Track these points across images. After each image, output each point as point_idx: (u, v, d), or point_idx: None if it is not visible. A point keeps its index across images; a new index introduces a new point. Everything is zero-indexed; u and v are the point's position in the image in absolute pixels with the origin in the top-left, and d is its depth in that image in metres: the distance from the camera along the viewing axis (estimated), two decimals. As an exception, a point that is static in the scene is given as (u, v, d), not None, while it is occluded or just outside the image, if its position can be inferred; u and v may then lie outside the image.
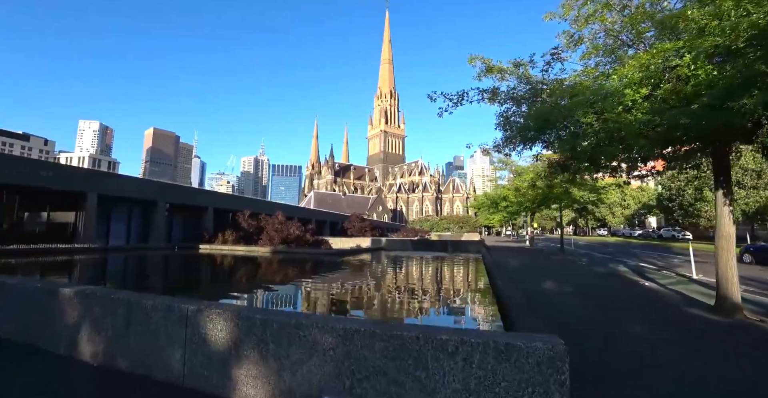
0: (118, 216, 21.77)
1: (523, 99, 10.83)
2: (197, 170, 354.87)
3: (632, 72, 6.50)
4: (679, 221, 30.98)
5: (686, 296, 7.18)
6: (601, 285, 8.32)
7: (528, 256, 17.92)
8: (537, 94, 10.58)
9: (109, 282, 9.90)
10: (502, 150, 12.72)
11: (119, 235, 21.68)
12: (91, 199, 18.13)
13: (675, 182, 29.95)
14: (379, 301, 7.21)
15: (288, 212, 30.45)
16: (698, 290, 8.08)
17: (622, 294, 7.36)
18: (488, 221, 73.62)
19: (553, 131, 8.86)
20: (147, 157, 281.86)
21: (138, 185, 22.26)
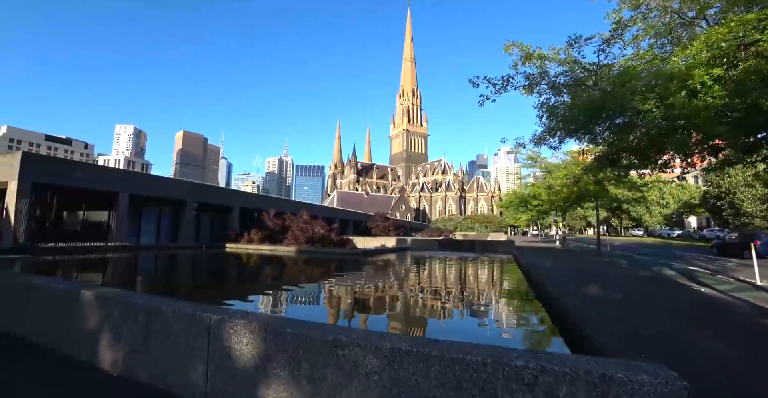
0: (148, 215, 22.37)
1: (565, 88, 10.07)
2: (224, 171, 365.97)
3: (699, 51, 5.69)
4: (729, 221, 28.68)
5: (758, 307, 6.27)
6: (653, 291, 7.45)
7: (562, 257, 16.90)
8: (580, 82, 9.79)
9: (140, 279, 9.94)
10: (541, 144, 12.03)
11: (149, 234, 22.27)
12: (123, 198, 18.63)
13: (725, 178, 27.71)
14: (419, 308, 6.73)
15: (312, 211, 30.45)
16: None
17: (682, 303, 6.52)
18: (515, 221, 71.70)
19: (603, 121, 8.08)
20: (177, 159, 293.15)
21: (167, 184, 22.79)
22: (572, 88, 9.85)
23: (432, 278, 10.93)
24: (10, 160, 15.51)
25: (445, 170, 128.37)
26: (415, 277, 11.08)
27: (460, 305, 6.86)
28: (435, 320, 5.76)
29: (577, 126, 8.11)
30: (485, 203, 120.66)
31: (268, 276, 11.68)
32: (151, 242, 22.01)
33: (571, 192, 21.00)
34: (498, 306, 6.88)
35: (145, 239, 21.83)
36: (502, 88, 8.77)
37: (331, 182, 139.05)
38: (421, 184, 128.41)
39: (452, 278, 10.91)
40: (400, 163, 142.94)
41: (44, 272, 10.53)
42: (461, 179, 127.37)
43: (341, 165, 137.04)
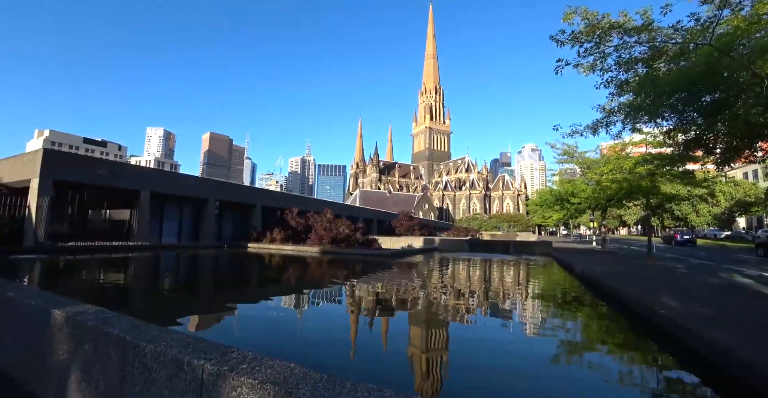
0: (170, 214, 21.94)
1: (639, 62, 8.36)
2: (248, 171, 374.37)
3: None
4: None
5: None
6: (743, 306, 5.69)
7: (607, 260, 14.91)
8: (657, 55, 8.07)
9: (152, 282, 9.07)
10: (597, 131, 10.32)
11: (171, 233, 21.84)
12: (144, 196, 18.14)
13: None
14: (489, 333, 5.35)
15: (336, 209, 29.49)
16: None
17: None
18: (543, 220, 68.42)
19: (701, 95, 6.37)
20: (204, 159, 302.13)
21: (188, 182, 22.28)
22: (648, 61, 8.15)
23: (473, 284, 9.48)
24: (32, 157, 15.19)
25: (468, 168, 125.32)
26: (454, 283, 9.66)
27: (521, 321, 5.44)
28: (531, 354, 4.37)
29: (672, 102, 6.44)
30: (511, 201, 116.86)
31: (289, 280, 10.58)
32: (173, 242, 21.56)
33: (620, 188, 18.95)
34: (565, 324, 5.40)
35: (167, 238, 21.40)
36: (598, 44, 7.17)
37: (353, 181, 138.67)
38: (444, 182, 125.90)
39: (494, 285, 9.42)
40: (423, 161, 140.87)
41: (53, 274, 9.82)
42: (485, 178, 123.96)
43: (363, 164, 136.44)
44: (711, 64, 5.33)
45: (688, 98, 6.12)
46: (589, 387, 3.21)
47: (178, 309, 6.10)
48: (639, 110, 7.08)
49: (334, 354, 3.95)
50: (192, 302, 6.95)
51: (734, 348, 3.20)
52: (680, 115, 6.88)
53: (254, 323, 5.30)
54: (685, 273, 10.41)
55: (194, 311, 6.11)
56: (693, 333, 3.82)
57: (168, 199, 21.51)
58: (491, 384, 3.21)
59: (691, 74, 5.55)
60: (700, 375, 3.45)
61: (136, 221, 18.24)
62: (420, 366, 3.66)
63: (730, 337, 3.50)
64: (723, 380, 3.21)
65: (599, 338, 4.94)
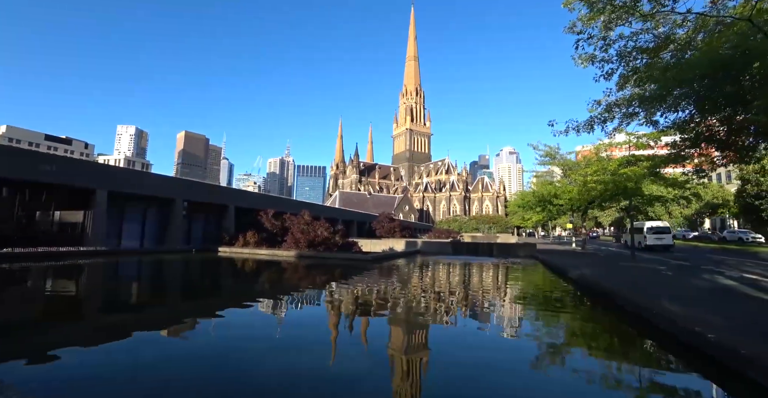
0: (132, 216, 20.08)
1: (645, 53, 7.73)
2: (225, 172, 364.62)
3: None
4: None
5: None
6: (744, 311, 5.22)
7: (592, 262, 14.59)
8: (664, 44, 7.46)
9: (93, 294, 7.71)
10: (592, 128, 9.74)
11: (133, 236, 19.98)
12: (101, 196, 16.38)
13: (766, 175, 25.30)
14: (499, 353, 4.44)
15: (314, 211, 28.17)
16: None
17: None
18: (522, 222, 69.17)
19: (730, 81, 5.67)
20: (179, 159, 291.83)
21: (153, 181, 20.49)
22: (652, 52, 7.54)
23: (467, 291, 8.62)
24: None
25: (449, 170, 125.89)
26: (444, 291, 8.77)
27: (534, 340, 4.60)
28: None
29: (687, 92, 5.79)
30: (490, 203, 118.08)
31: (258, 291, 9.40)
32: (134, 246, 19.73)
33: (606, 189, 18.72)
34: (576, 339, 4.60)
35: (127, 242, 19.55)
36: (600, 34, 6.47)
37: (332, 183, 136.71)
38: (425, 184, 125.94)
39: (488, 292, 8.60)
40: (403, 163, 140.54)
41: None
42: (465, 179, 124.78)
43: (343, 165, 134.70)
44: (747, 44, 4.69)
45: (710, 85, 5.49)
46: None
47: (122, 323, 4.88)
48: (656, 100, 6.42)
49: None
50: (138, 317, 5.71)
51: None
52: (700, 104, 6.25)
53: (204, 345, 4.19)
54: (670, 276, 9.97)
55: (140, 326, 4.93)
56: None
57: (130, 199, 19.71)
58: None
59: (721, 57, 4.86)
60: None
61: (91, 224, 16.43)
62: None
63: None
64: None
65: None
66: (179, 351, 4.21)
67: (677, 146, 9.22)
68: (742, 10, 6.13)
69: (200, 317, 6.00)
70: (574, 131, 9.79)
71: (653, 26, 7.40)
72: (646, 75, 6.70)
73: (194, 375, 3.47)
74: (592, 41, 7.80)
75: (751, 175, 26.75)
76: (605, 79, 8.36)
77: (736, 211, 35.47)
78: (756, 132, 7.33)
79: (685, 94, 6.18)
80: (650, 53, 7.61)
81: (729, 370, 3.56)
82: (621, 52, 7.88)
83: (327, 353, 4.22)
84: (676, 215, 45.60)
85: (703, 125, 7.45)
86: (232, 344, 4.42)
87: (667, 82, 5.78)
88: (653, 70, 6.48)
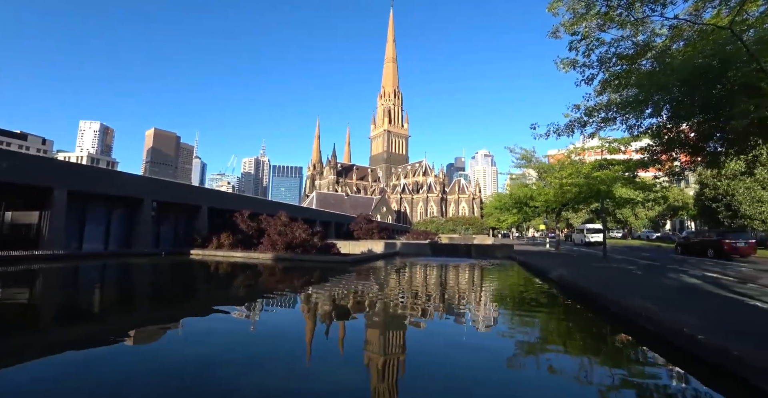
0: (95, 217, 18.79)
1: (623, 60, 7.91)
2: (198, 171, 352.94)
3: None
4: (724, 223, 27.98)
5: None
6: (712, 310, 5.56)
7: (567, 262, 15.05)
8: (642, 51, 7.65)
9: (38, 304, 7.02)
10: (571, 131, 9.92)
11: (96, 239, 18.70)
12: (60, 196, 15.21)
13: (722, 180, 26.95)
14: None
15: (291, 212, 27.53)
16: None
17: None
18: (499, 223, 70.73)
19: (706, 87, 5.88)
20: (147, 157, 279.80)
21: (120, 180, 19.28)
22: (630, 59, 7.73)
23: (462, 297, 8.52)
24: None
25: (426, 172, 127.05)
26: (434, 295, 8.63)
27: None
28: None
29: (665, 98, 5.95)
30: (466, 205, 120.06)
31: (230, 296, 8.92)
32: (97, 249, 18.48)
33: (580, 192, 19.28)
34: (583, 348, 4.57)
35: (89, 245, 18.27)
36: (582, 40, 6.58)
37: (309, 183, 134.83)
38: (402, 185, 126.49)
39: (475, 294, 8.53)
40: (381, 164, 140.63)
41: None
42: (442, 181, 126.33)
43: (320, 166, 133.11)
44: (724, 52, 4.84)
45: (688, 91, 5.65)
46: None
47: (79, 335, 4.37)
48: (635, 104, 6.55)
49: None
50: (97, 328, 5.18)
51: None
52: (676, 110, 6.44)
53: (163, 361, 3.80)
54: (640, 275, 10.36)
55: (99, 338, 4.44)
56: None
57: (92, 199, 18.47)
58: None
59: (701, 65, 5.00)
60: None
61: (47, 226, 15.22)
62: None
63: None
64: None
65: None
66: (141, 365, 3.80)
67: (651, 150, 9.54)
68: (716, 20, 6.37)
69: (166, 326, 5.55)
70: (554, 135, 9.92)
71: (633, 34, 7.58)
72: (626, 81, 6.85)
73: (159, 393, 3.11)
74: (582, 43, 7.90)
75: (709, 179, 28.43)
76: (586, 83, 8.50)
77: (695, 213, 37.63)
78: (724, 138, 7.65)
79: (663, 100, 6.37)
80: (629, 60, 7.80)
81: (701, 360, 3.82)
82: (601, 58, 8.04)
83: (313, 361, 3.94)
84: (641, 217, 47.95)
85: (675, 131, 7.75)
86: (202, 355, 4.05)
87: (651, 87, 5.91)
88: (635, 76, 6.64)
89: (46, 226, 15.31)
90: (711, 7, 6.17)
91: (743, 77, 5.12)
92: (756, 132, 5.78)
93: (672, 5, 5.82)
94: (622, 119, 7.71)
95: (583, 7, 7.38)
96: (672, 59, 5.86)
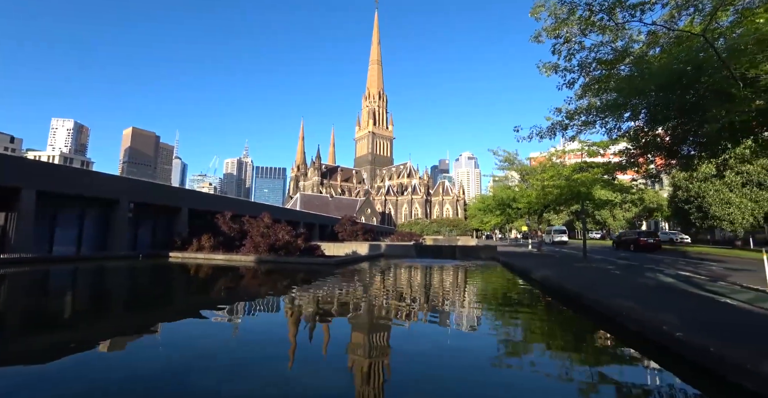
0: (67, 219, 17.98)
1: (603, 65, 8.11)
2: (178, 172, 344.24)
3: None
4: (696, 224, 29.15)
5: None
6: (686, 306, 5.84)
7: (549, 263, 15.40)
8: (621, 57, 7.87)
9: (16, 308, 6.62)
10: (553, 134, 10.10)
11: (67, 242, 17.88)
12: (27, 196, 14.48)
13: (694, 182, 28.06)
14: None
15: (275, 214, 27.11)
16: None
17: (735, 321, 4.88)
18: (482, 225, 71.65)
19: (681, 93, 6.08)
20: (125, 157, 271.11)
21: (94, 180, 18.52)
22: (609, 64, 7.94)
23: (450, 299, 8.52)
24: None
25: (410, 174, 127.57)
26: (424, 298, 8.60)
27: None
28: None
29: (639, 103, 6.13)
30: (450, 206, 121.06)
31: (214, 303, 8.67)
32: (69, 252, 17.67)
33: (561, 194, 19.71)
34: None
35: (61, 248, 17.45)
36: (563, 44, 6.71)
37: (293, 185, 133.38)
38: (387, 187, 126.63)
39: (467, 297, 8.56)
40: (365, 166, 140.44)
41: None
42: (427, 183, 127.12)
43: (304, 167, 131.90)
44: (698, 59, 5.01)
45: (664, 96, 5.83)
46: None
47: (48, 343, 4.10)
48: (614, 108, 6.72)
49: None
50: (67, 336, 4.90)
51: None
52: (653, 114, 6.64)
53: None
54: (618, 275, 10.66)
55: (70, 345, 4.19)
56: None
57: (64, 200, 17.69)
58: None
59: (677, 70, 5.17)
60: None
61: (14, 228, 14.47)
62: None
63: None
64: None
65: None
66: (113, 373, 3.61)
67: (628, 153, 9.82)
68: (690, 28, 6.61)
69: (141, 332, 5.32)
70: (537, 137, 10.08)
71: (612, 40, 7.78)
72: (605, 85, 7.03)
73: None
74: (564, 46, 8.05)
75: (682, 182, 29.57)
76: (568, 87, 8.68)
77: (669, 214, 39.08)
78: (697, 142, 7.94)
79: (641, 104, 6.56)
80: (608, 65, 8.00)
81: (676, 354, 3.93)
82: (582, 63, 8.22)
83: (296, 366, 3.83)
84: (619, 218, 49.44)
85: (651, 134, 8.01)
86: (179, 361, 3.89)
87: (629, 92, 6.07)
88: (614, 80, 6.81)
89: (12, 228, 14.54)
90: (686, 14, 6.41)
91: (715, 83, 5.33)
92: (726, 136, 6.03)
93: (650, 11, 6.02)
94: (601, 122, 7.93)
95: (564, 13, 7.54)
96: (649, 65, 6.04)
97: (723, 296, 7.51)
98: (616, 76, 7.83)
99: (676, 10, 6.47)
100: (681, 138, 7.13)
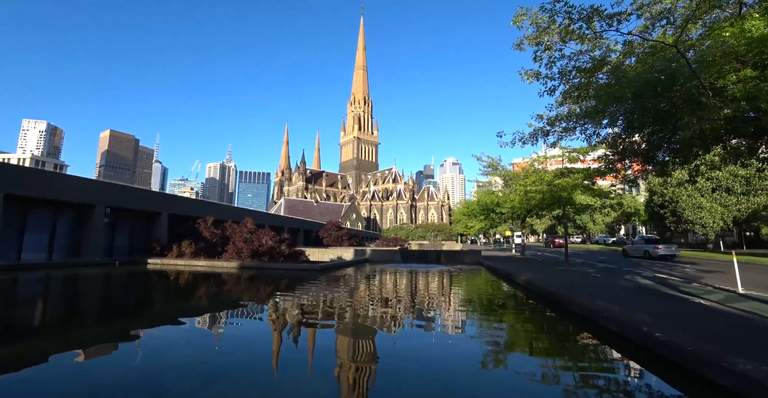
0: (36, 223, 17.17)
1: (582, 73, 8.37)
2: (158, 176, 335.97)
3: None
4: (671, 228, 30.24)
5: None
6: (663, 307, 6.13)
7: (532, 267, 15.80)
8: (599, 65, 8.14)
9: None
10: (536, 140, 10.31)
11: (37, 248, 17.06)
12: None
13: (668, 188, 29.14)
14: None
15: (258, 219, 26.72)
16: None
17: (709, 320, 5.11)
18: (466, 229, 72.37)
19: (657, 102, 6.32)
20: (102, 161, 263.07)
21: (67, 183, 17.80)
22: (588, 72, 8.19)
23: (436, 303, 8.50)
24: None
25: (396, 179, 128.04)
26: (419, 303, 8.57)
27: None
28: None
29: (616, 110, 6.35)
30: (435, 212, 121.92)
31: (194, 310, 8.41)
32: (39, 259, 16.88)
33: (543, 199, 20.11)
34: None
35: (29, 254, 16.62)
36: (545, 52, 6.91)
37: (277, 190, 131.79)
38: (372, 192, 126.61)
39: (453, 302, 8.58)
40: (351, 171, 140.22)
41: None
42: (412, 188, 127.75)
43: (289, 172, 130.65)
44: (671, 68, 5.24)
45: (640, 104, 6.05)
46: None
47: (15, 355, 3.87)
48: (593, 115, 6.94)
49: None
50: (36, 346, 4.64)
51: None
52: (630, 121, 6.88)
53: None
54: (599, 278, 10.96)
55: (38, 355, 3.95)
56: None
57: (34, 204, 16.95)
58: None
59: (652, 78, 5.38)
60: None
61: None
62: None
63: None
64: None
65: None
66: (87, 380, 3.44)
67: (607, 159, 10.12)
68: (663, 38, 6.91)
69: (114, 341, 5.10)
70: (520, 143, 10.28)
71: (590, 49, 8.04)
72: (585, 93, 7.25)
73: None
74: (545, 54, 8.25)
75: (657, 187, 30.68)
76: (549, 94, 8.90)
77: (646, 218, 40.40)
78: (671, 148, 8.27)
79: (618, 111, 6.80)
80: (587, 73, 8.25)
81: (658, 356, 3.90)
82: (562, 71, 8.45)
83: (279, 374, 3.73)
84: (598, 223, 50.80)
85: (628, 141, 8.32)
86: (156, 370, 3.74)
87: (608, 99, 6.29)
88: (593, 88, 7.04)
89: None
90: (659, 26, 6.71)
91: (687, 92, 5.58)
92: (698, 143, 6.31)
93: (626, 22, 6.28)
94: (581, 129, 8.17)
95: (545, 21, 7.76)
96: (625, 73, 6.27)
97: (697, 297, 7.83)
98: (594, 84, 8.08)
99: (650, 22, 6.78)
100: (656, 145, 7.43)
